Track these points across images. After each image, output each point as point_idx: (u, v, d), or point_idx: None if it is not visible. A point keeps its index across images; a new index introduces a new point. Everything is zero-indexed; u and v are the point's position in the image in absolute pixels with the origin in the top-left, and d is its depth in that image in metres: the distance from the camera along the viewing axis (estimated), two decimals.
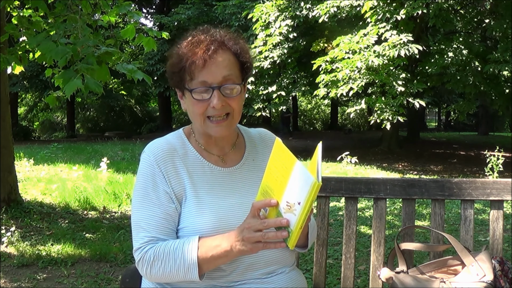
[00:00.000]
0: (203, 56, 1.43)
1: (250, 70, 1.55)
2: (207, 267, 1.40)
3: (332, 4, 12.17)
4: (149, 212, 1.46)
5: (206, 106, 1.46)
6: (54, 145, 13.56)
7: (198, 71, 1.44)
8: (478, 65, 11.96)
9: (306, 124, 36.05)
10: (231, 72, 1.46)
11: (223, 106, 1.45)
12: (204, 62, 1.43)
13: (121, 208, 6.35)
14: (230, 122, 1.50)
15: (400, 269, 1.84)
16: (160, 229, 1.45)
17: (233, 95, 1.47)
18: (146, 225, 1.45)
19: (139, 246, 1.44)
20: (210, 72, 1.44)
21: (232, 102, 1.47)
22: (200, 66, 1.43)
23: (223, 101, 1.45)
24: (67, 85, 3.28)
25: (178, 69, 1.48)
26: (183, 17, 19.63)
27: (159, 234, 1.44)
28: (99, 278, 3.90)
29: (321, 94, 11.92)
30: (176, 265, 1.39)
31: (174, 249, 1.40)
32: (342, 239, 2.21)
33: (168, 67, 1.54)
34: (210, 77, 1.44)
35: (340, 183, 2.06)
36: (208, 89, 1.45)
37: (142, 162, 1.53)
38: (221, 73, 1.44)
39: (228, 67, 1.46)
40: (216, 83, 1.44)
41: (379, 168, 11.68)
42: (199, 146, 1.57)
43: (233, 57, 1.49)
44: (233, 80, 1.47)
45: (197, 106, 1.47)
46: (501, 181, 1.94)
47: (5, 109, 5.72)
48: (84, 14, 4.35)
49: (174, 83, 1.54)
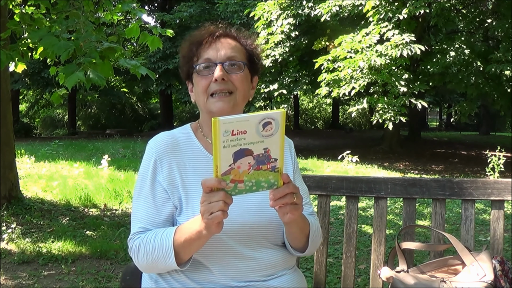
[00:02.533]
0: (210, 39, 1.51)
1: (257, 61, 1.58)
2: (184, 252, 1.39)
3: (334, 3, 12.17)
4: (144, 203, 1.49)
5: (209, 82, 1.47)
6: (55, 142, 13.57)
7: (204, 50, 1.50)
8: (480, 65, 11.94)
9: (308, 123, 36.05)
10: (236, 54, 1.50)
11: (224, 80, 1.46)
12: (211, 43, 1.50)
13: (122, 206, 6.36)
14: (233, 101, 1.49)
15: (401, 269, 1.84)
16: (152, 221, 1.47)
17: (236, 72, 1.49)
18: (140, 216, 1.48)
19: (131, 236, 1.48)
20: (215, 49, 1.49)
21: (235, 80, 1.48)
22: (206, 47, 1.51)
23: (225, 75, 1.46)
24: (68, 78, 3.28)
25: (187, 56, 1.54)
26: (185, 14, 19.62)
27: (150, 225, 1.47)
28: (99, 276, 3.90)
29: (323, 93, 11.92)
30: (156, 251, 1.40)
31: (154, 236, 1.42)
32: (342, 238, 2.21)
33: (180, 59, 1.59)
34: (214, 54, 1.49)
35: (341, 182, 2.06)
36: (211, 65, 1.48)
37: (145, 153, 1.55)
38: (225, 53, 1.49)
39: (233, 49, 1.51)
40: (219, 60, 1.48)
41: (380, 167, 11.68)
42: (205, 140, 1.57)
43: (240, 45, 1.54)
44: (237, 60, 1.50)
45: (201, 83, 1.49)
46: (502, 181, 1.94)
47: (6, 106, 5.72)
48: (86, 11, 4.35)
49: (184, 74, 1.58)
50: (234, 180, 1.22)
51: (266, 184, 1.26)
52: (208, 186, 1.22)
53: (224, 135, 1.14)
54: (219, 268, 1.45)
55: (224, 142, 1.15)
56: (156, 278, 1.53)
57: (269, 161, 1.21)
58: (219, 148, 1.15)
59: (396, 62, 10.93)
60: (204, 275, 1.46)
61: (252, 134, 1.16)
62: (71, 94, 23.86)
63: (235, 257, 1.46)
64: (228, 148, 1.16)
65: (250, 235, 1.47)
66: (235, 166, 1.19)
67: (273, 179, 1.25)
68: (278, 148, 1.21)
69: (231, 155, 1.17)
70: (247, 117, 1.15)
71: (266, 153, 1.20)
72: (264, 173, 1.23)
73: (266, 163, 1.21)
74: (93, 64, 3.46)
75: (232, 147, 1.16)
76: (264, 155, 1.20)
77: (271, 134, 1.18)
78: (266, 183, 1.25)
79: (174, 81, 21.21)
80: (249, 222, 1.46)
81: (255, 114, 1.15)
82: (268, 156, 1.21)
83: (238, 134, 1.15)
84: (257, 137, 1.17)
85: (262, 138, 1.17)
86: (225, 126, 1.13)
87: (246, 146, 1.17)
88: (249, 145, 1.17)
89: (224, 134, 1.14)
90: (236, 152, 1.17)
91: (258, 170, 1.22)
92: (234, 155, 1.18)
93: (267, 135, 1.17)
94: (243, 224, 1.46)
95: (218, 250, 1.45)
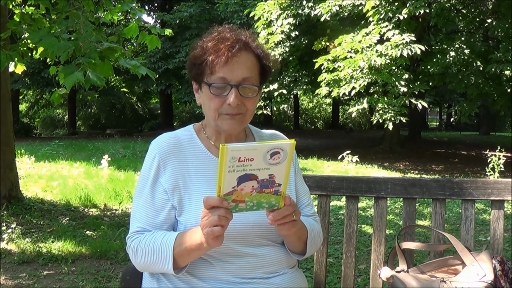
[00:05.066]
0: (227, 53, 1.43)
1: (268, 74, 1.55)
2: (183, 259, 1.40)
3: (334, 3, 12.17)
4: (143, 203, 1.50)
5: (222, 103, 1.45)
6: (55, 142, 13.57)
7: (219, 66, 1.43)
8: (480, 65, 11.95)
9: (308, 123, 36.04)
10: (251, 74, 1.47)
11: (238, 105, 1.45)
12: (227, 59, 1.43)
13: (122, 206, 6.36)
14: (242, 120, 1.49)
15: (401, 269, 1.84)
16: (150, 221, 1.48)
17: (249, 96, 1.47)
18: (139, 216, 1.50)
19: (129, 235, 1.50)
20: (232, 70, 1.44)
21: (247, 103, 1.48)
22: (222, 62, 1.43)
23: (239, 100, 1.44)
24: (67, 78, 3.27)
25: (199, 61, 1.48)
26: (185, 14, 19.63)
27: (148, 226, 1.48)
28: (99, 276, 3.90)
29: (323, 93, 11.92)
30: (155, 255, 1.42)
31: (154, 240, 1.43)
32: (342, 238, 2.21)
33: (190, 59, 1.54)
34: (230, 74, 1.44)
35: (341, 182, 2.06)
36: (226, 86, 1.45)
37: (147, 154, 1.56)
38: (242, 73, 1.44)
39: (249, 69, 1.46)
40: (235, 81, 1.44)
41: (380, 167, 11.68)
42: (208, 141, 1.57)
43: (255, 60, 1.50)
44: (252, 82, 1.47)
45: (213, 101, 1.46)
46: (502, 181, 1.94)
47: (6, 106, 5.72)
48: (86, 11, 4.35)
49: (193, 75, 1.54)
50: (236, 200, 1.24)
51: (267, 205, 1.27)
52: (210, 204, 1.23)
53: (230, 161, 1.14)
54: (222, 264, 1.46)
55: (230, 167, 1.15)
56: (158, 277, 1.53)
57: (273, 185, 1.23)
58: (224, 172, 1.15)
59: (396, 62, 10.94)
60: (207, 272, 1.46)
61: (259, 162, 1.17)
62: (71, 94, 23.86)
63: (238, 256, 1.47)
64: (234, 172, 1.17)
65: (251, 235, 1.48)
66: (238, 188, 1.20)
67: (275, 201, 1.27)
68: (283, 175, 1.21)
69: (235, 179, 1.18)
70: (255, 146, 1.16)
71: (271, 178, 1.21)
72: (267, 195, 1.24)
73: (269, 187, 1.23)
74: (93, 64, 3.46)
75: (237, 172, 1.17)
76: (268, 180, 1.21)
77: (278, 162, 1.18)
78: (267, 204, 1.27)
79: (174, 81, 21.22)
80: (250, 222, 1.47)
81: (264, 144, 1.15)
82: (273, 181, 1.22)
83: (245, 161, 1.16)
84: (264, 164, 1.17)
85: (268, 165, 1.18)
86: (232, 153, 1.13)
87: (251, 172, 1.18)
88: (254, 171, 1.18)
89: (230, 160, 1.14)
90: (240, 176, 1.18)
91: (260, 193, 1.23)
92: (239, 179, 1.19)
93: (274, 164, 1.18)
94: (244, 224, 1.46)
95: (221, 251, 1.45)
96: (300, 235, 1.51)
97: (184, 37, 19.70)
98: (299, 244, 1.53)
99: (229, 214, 1.25)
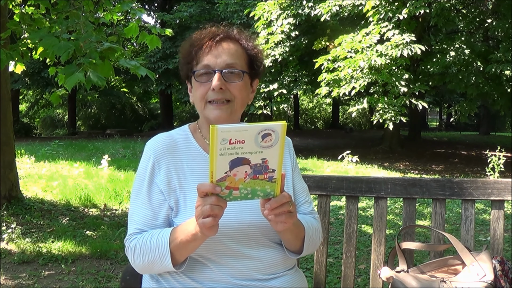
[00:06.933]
0: (210, 43, 1.47)
1: (258, 67, 1.55)
2: (180, 253, 1.39)
3: (334, 3, 12.17)
4: (141, 205, 1.49)
5: (207, 89, 1.46)
6: (55, 142, 13.59)
7: (203, 56, 1.46)
8: (480, 65, 11.94)
9: (308, 123, 36.04)
10: (235, 61, 1.47)
11: (222, 89, 1.44)
12: (210, 48, 1.46)
13: (122, 206, 6.36)
14: (230, 109, 1.48)
15: (401, 269, 1.84)
16: (148, 223, 1.47)
17: (235, 81, 1.46)
18: (136, 217, 1.49)
19: (127, 237, 1.49)
20: (215, 56, 1.45)
21: (233, 89, 1.46)
22: (205, 52, 1.46)
23: (222, 84, 1.44)
24: (68, 79, 3.27)
25: (187, 55, 1.51)
26: (185, 14, 19.63)
27: (146, 227, 1.47)
28: (99, 276, 3.90)
29: (323, 92, 11.92)
30: (152, 252, 1.41)
31: (150, 237, 1.42)
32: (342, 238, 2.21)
33: (180, 57, 1.56)
34: (214, 61, 1.45)
35: (341, 182, 2.06)
36: (209, 72, 1.45)
37: (143, 154, 1.55)
38: (225, 60, 1.45)
39: (233, 56, 1.47)
40: (218, 67, 1.45)
41: (380, 167, 11.68)
42: (204, 141, 1.57)
43: (241, 49, 1.51)
44: (236, 68, 1.47)
45: (199, 89, 1.47)
46: (502, 181, 1.94)
47: (6, 106, 5.72)
48: (86, 11, 4.35)
49: (184, 74, 1.56)
50: (229, 187, 1.22)
51: (262, 193, 1.25)
52: (203, 191, 1.22)
53: (221, 143, 1.13)
54: (220, 267, 1.45)
55: (221, 150, 1.14)
56: (157, 278, 1.53)
57: (267, 171, 1.21)
58: (216, 155, 1.14)
59: (396, 62, 10.94)
60: (205, 274, 1.45)
61: (251, 144, 1.15)
62: (71, 94, 23.84)
63: (236, 256, 1.46)
64: (225, 156, 1.15)
65: (248, 234, 1.47)
66: (231, 173, 1.19)
67: (270, 189, 1.25)
68: (277, 160, 1.20)
69: (227, 163, 1.17)
70: (246, 127, 1.14)
71: (263, 163, 1.19)
72: (261, 182, 1.23)
73: (263, 173, 1.21)
74: (93, 64, 3.46)
75: (229, 155, 1.16)
76: (261, 165, 1.19)
77: (270, 145, 1.17)
78: (262, 192, 1.25)
79: (174, 81, 21.21)
80: (246, 221, 1.46)
81: (255, 125, 1.14)
82: (266, 166, 1.20)
83: (236, 143, 1.14)
84: (256, 147, 1.16)
85: (260, 148, 1.17)
86: (223, 135, 1.12)
87: (243, 156, 1.16)
88: (246, 154, 1.16)
89: (221, 142, 1.13)
90: (232, 160, 1.17)
91: (254, 179, 1.21)
92: (231, 163, 1.17)
93: (266, 146, 1.17)
94: (241, 223, 1.45)
95: (218, 251, 1.44)
96: (297, 232, 1.49)
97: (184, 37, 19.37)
98: (296, 242, 1.52)
99: (222, 202, 1.23)
